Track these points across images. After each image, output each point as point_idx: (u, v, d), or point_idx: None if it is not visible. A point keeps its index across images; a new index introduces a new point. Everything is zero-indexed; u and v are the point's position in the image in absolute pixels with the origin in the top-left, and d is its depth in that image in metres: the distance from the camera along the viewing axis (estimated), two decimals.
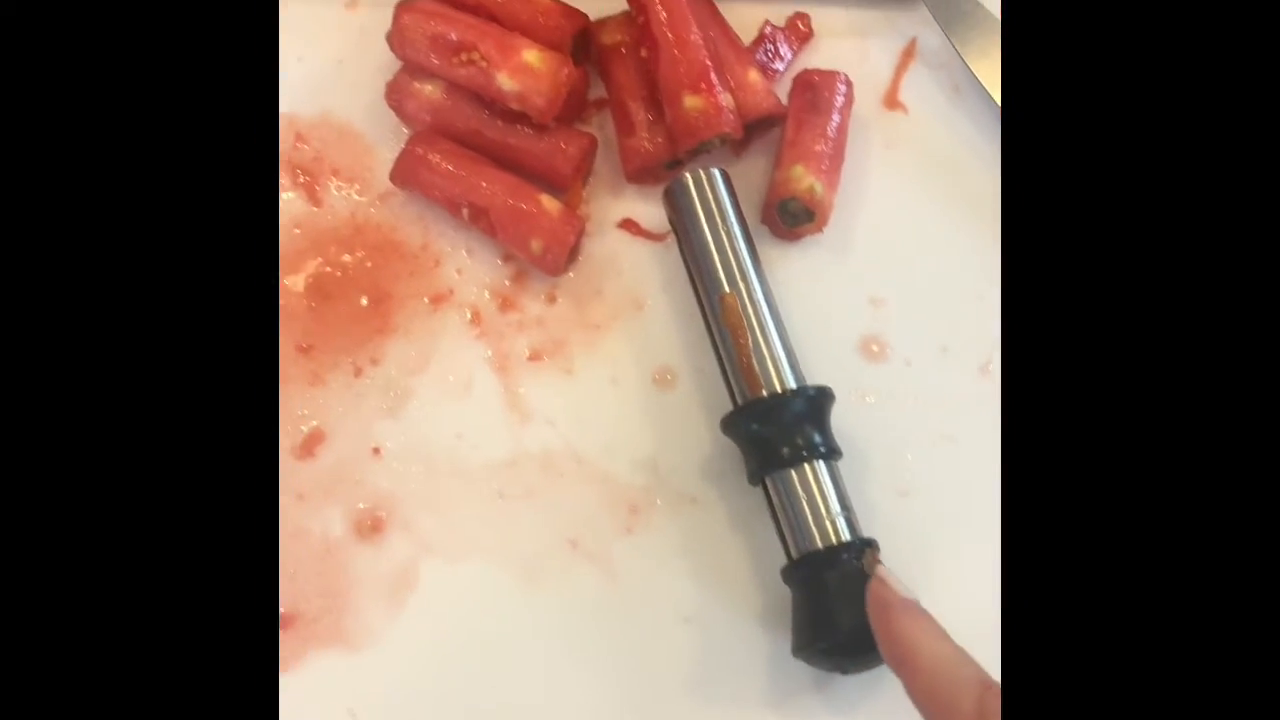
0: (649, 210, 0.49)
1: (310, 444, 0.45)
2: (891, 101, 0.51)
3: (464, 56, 0.46)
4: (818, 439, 0.41)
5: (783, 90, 0.50)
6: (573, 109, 0.49)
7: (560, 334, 0.47)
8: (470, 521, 0.44)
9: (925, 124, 0.50)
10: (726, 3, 0.50)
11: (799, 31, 0.51)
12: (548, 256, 0.46)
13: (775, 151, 0.49)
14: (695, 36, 0.47)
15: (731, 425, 0.43)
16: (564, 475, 0.45)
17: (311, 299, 0.47)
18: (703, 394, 0.46)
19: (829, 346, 0.47)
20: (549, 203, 0.47)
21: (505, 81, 0.46)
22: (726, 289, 0.44)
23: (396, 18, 0.47)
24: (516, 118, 0.47)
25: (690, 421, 0.46)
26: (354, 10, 0.52)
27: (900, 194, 0.49)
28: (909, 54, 0.51)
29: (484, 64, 0.46)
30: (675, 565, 0.44)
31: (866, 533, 0.41)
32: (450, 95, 0.48)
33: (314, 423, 0.46)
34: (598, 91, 0.50)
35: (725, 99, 0.46)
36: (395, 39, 0.47)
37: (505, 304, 0.48)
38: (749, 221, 0.46)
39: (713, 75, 0.46)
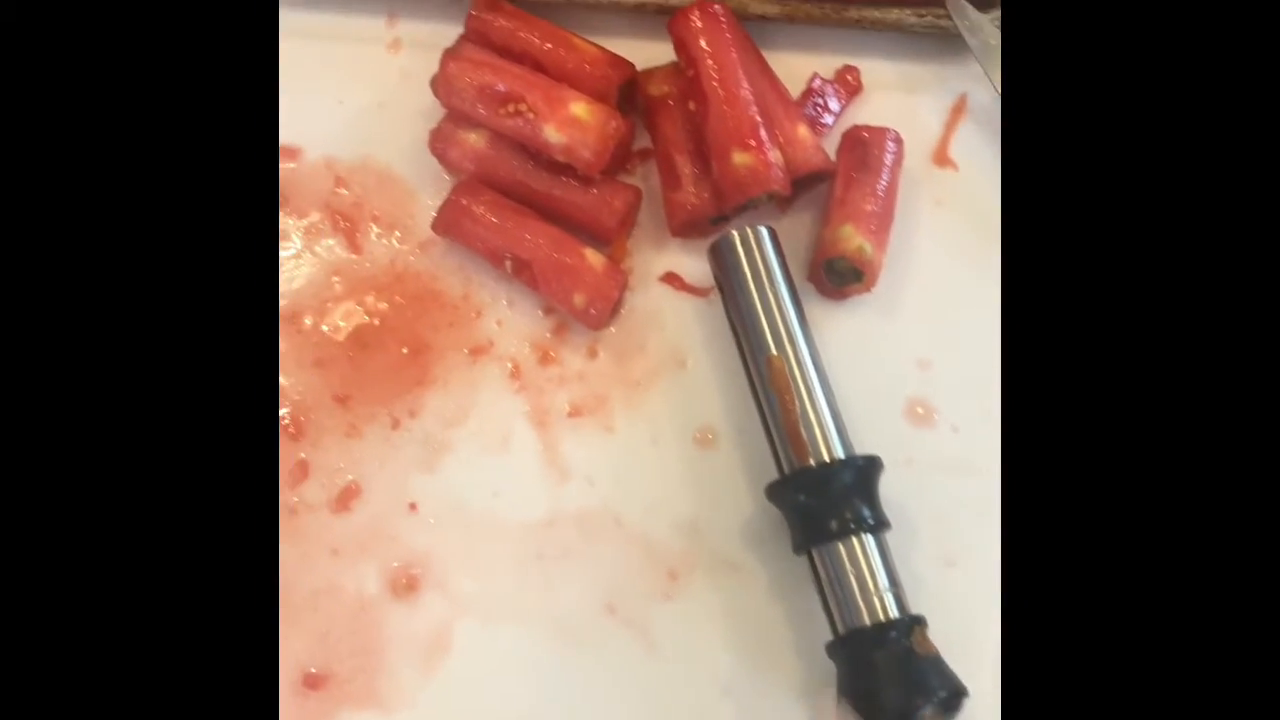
0: (692, 264, 0.48)
1: (346, 498, 0.45)
2: (941, 158, 0.50)
3: (511, 107, 0.46)
4: (866, 512, 0.41)
5: (830, 144, 0.49)
6: (617, 160, 0.49)
7: (601, 390, 0.46)
8: (507, 583, 0.43)
9: (975, 181, 0.50)
10: (773, 53, 0.50)
11: (848, 85, 0.51)
12: (591, 311, 0.46)
13: (822, 207, 0.48)
14: (745, 91, 0.46)
15: (777, 494, 0.42)
16: (602, 537, 0.44)
17: (350, 348, 0.47)
18: (745, 455, 0.45)
19: (874, 409, 0.46)
20: (593, 257, 0.46)
21: (552, 134, 0.45)
22: (774, 351, 0.43)
23: (443, 66, 0.47)
24: (561, 168, 0.47)
25: (732, 484, 0.45)
26: (396, 52, 0.52)
27: (949, 253, 0.48)
28: (959, 110, 0.51)
29: (531, 115, 0.45)
30: (715, 634, 0.43)
31: (914, 606, 0.40)
32: (494, 144, 0.47)
33: (350, 476, 0.45)
34: (641, 141, 0.50)
35: (774, 155, 0.46)
36: (441, 87, 0.47)
37: (545, 358, 0.47)
38: (794, 279, 0.45)
39: (762, 131, 0.46)
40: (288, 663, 0.42)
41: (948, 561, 0.44)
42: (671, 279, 0.48)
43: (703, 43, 0.47)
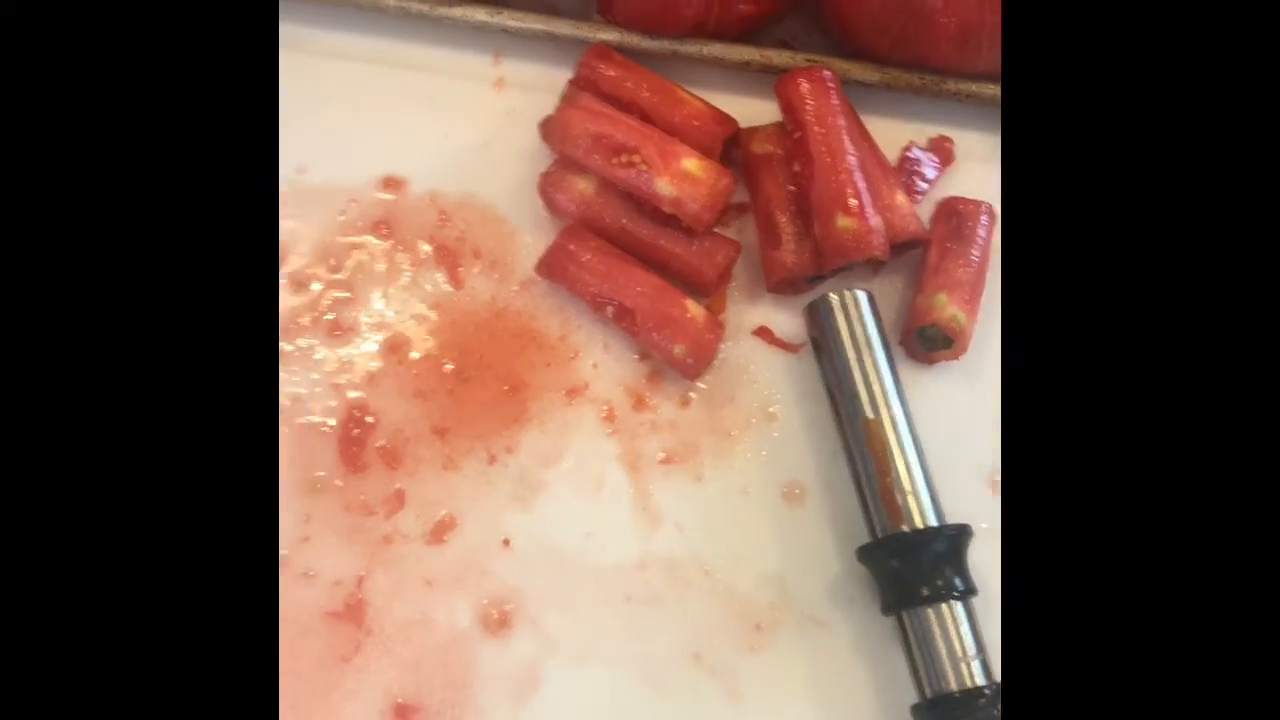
0: (784, 319, 0.49)
1: (441, 530, 0.46)
2: None
3: (624, 158, 0.47)
4: (957, 580, 0.42)
5: (922, 212, 0.50)
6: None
7: (692, 438, 0.47)
8: (597, 624, 0.44)
9: None
10: (870, 118, 0.51)
11: (943, 154, 0.52)
12: (689, 361, 0.47)
13: (915, 274, 0.49)
14: (850, 157, 0.47)
15: (869, 556, 0.43)
16: (691, 585, 0.45)
17: (449, 381, 0.48)
18: (833, 513, 0.46)
19: (955, 475, 0.47)
20: (694, 308, 0.47)
21: (664, 187, 0.46)
22: (870, 415, 0.44)
23: (561, 113, 0.48)
24: (666, 219, 0.48)
25: (820, 541, 0.46)
26: (501, 91, 0.53)
27: None
28: None
29: (644, 167, 0.47)
30: (800, 689, 0.44)
31: (999, 676, 0.41)
32: (602, 192, 0.48)
33: (446, 509, 0.46)
34: (737, 196, 0.51)
35: (876, 221, 0.47)
36: (557, 133, 0.48)
37: (639, 403, 0.48)
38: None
39: (865, 197, 0.47)
40: (377, 691, 0.43)
41: None
42: (764, 333, 0.49)
43: (810, 107, 0.48)
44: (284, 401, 0.47)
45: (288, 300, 0.48)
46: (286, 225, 0.50)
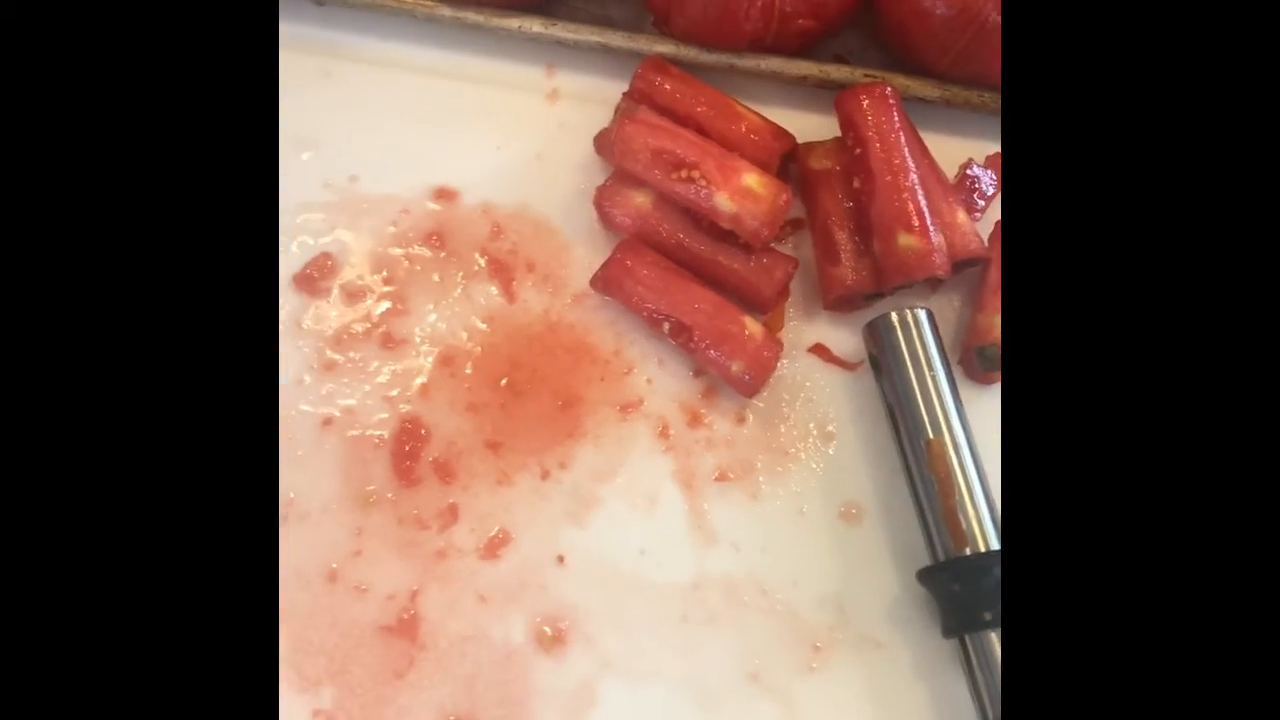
0: (840, 337, 0.49)
1: (495, 545, 0.45)
2: None
3: (684, 173, 0.46)
4: None
5: (981, 230, 0.50)
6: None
7: (748, 456, 0.47)
8: (653, 643, 0.44)
9: None
10: (928, 134, 0.51)
11: (1000, 172, 0.51)
12: (746, 379, 0.46)
13: (973, 292, 0.49)
14: (912, 175, 0.47)
15: (930, 579, 0.43)
16: (747, 604, 0.45)
17: (503, 395, 0.47)
18: (891, 533, 0.46)
19: None
20: (753, 325, 0.47)
21: (724, 202, 0.46)
22: (932, 435, 0.44)
23: (619, 126, 0.47)
24: (723, 235, 0.48)
25: (878, 561, 0.45)
26: (554, 103, 0.52)
27: None
28: None
29: (704, 182, 0.46)
30: (857, 711, 0.43)
31: None
32: (659, 206, 0.48)
33: (500, 524, 0.45)
34: (794, 211, 0.50)
35: (938, 239, 0.46)
36: (617, 147, 0.47)
37: (694, 419, 0.47)
38: None
39: (927, 215, 0.46)
40: (431, 707, 0.43)
41: None
42: (820, 350, 0.49)
43: (871, 123, 0.47)
44: (336, 414, 0.47)
45: (340, 311, 0.48)
46: (338, 235, 0.49)
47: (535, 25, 0.51)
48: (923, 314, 0.46)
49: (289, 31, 0.52)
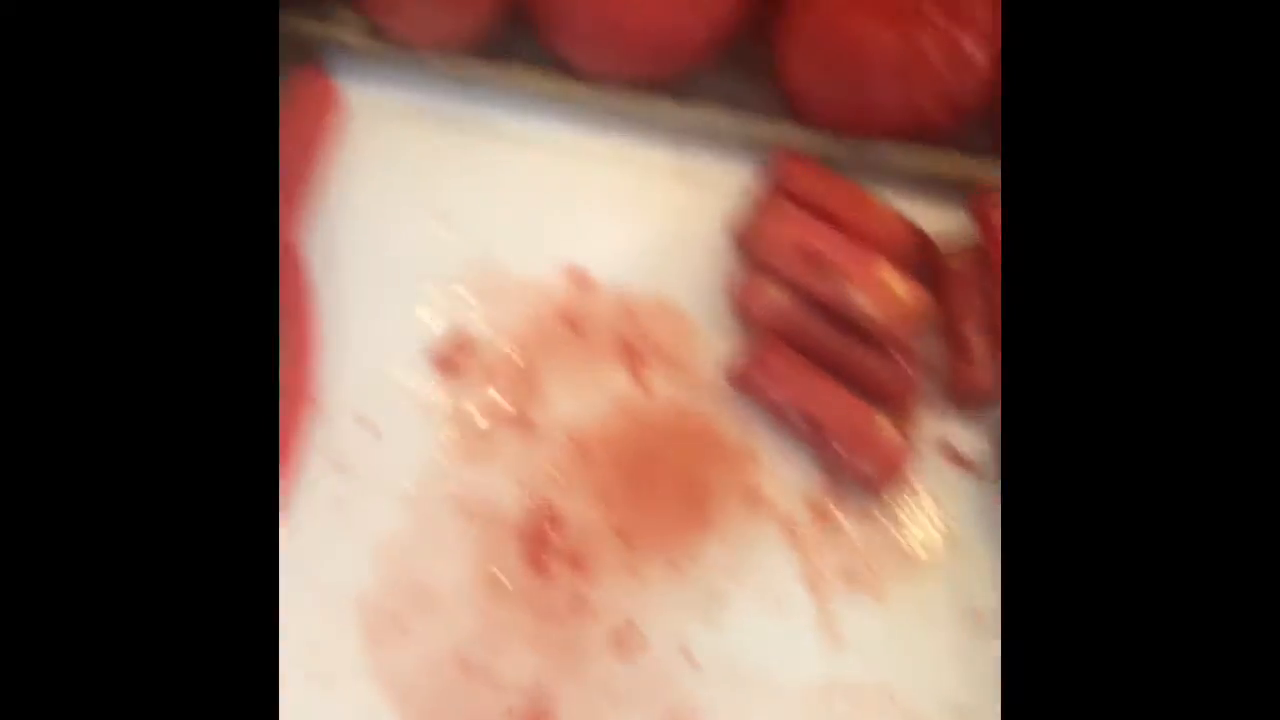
0: (969, 437, 0.49)
1: (623, 639, 0.45)
2: None
3: (825, 270, 0.46)
4: None
5: None
6: None
7: (874, 556, 0.47)
8: None
9: None
10: None
11: None
12: (875, 478, 0.46)
13: None
14: None
15: None
16: (876, 711, 0.45)
17: (632, 484, 0.47)
18: None
19: None
20: (884, 425, 0.47)
21: (865, 302, 0.46)
22: None
23: (762, 220, 0.48)
24: (858, 332, 0.47)
25: None
26: (684, 184, 0.52)
27: None
28: None
29: (844, 281, 0.46)
30: None
31: None
32: (796, 302, 0.48)
33: (628, 616, 0.45)
34: None
35: None
36: (758, 241, 0.47)
37: (821, 516, 0.47)
38: None
39: None
40: None
41: None
42: (947, 450, 0.49)
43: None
44: (465, 495, 0.47)
45: (473, 393, 0.48)
46: (473, 316, 0.49)
47: (667, 108, 0.51)
48: None
49: (430, 106, 0.52)
